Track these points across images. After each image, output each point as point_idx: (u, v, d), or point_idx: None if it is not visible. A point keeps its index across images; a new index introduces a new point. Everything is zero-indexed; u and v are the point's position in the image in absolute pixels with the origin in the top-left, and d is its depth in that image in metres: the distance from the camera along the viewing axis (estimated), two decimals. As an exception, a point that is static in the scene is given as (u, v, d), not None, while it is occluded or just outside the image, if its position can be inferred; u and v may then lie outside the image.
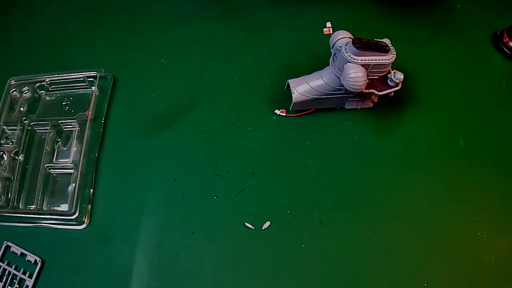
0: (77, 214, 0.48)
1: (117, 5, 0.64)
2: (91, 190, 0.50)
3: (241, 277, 0.46)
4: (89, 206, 0.49)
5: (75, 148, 0.52)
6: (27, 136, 0.53)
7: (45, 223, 0.48)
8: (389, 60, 0.45)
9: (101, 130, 0.54)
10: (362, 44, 0.44)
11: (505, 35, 0.58)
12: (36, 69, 0.57)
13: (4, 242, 0.47)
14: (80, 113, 0.53)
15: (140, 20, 0.63)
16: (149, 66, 0.58)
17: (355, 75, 0.44)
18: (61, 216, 0.48)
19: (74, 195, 0.49)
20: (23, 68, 0.58)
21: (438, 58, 0.59)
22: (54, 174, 0.51)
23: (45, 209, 0.49)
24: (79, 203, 0.48)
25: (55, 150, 0.52)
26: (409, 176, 0.51)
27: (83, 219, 0.48)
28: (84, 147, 0.51)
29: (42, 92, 0.56)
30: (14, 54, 0.60)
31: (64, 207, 0.49)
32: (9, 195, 0.49)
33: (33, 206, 0.49)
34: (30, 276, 0.46)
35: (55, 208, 0.50)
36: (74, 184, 0.49)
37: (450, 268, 0.47)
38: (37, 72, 0.56)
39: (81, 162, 0.50)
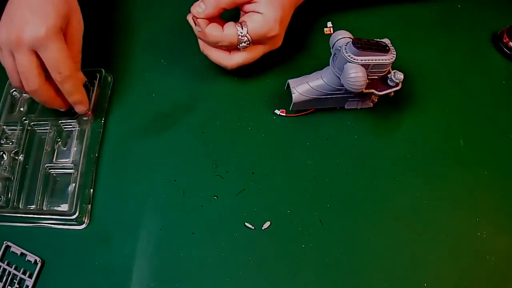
0: (77, 214, 0.48)
1: (117, 5, 0.64)
2: (91, 190, 0.50)
3: (241, 277, 0.46)
4: (89, 206, 0.49)
5: (75, 148, 0.52)
6: (27, 136, 0.53)
7: (45, 223, 0.48)
8: (389, 60, 0.45)
9: (101, 130, 0.54)
10: (362, 44, 0.44)
11: (505, 35, 0.58)
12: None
13: (4, 242, 0.47)
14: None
15: (140, 20, 0.63)
16: (149, 66, 0.58)
17: (355, 75, 0.44)
18: (61, 216, 0.48)
19: (74, 195, 0.49)
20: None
21: (438, 58, 0.59)
22: (54, 174, 0.51)
23: (45, 209, 0.49)
24: (79, 203, 0.48)
25: (55, 150, 0.52)
26: (409, 176, 0.51)
27: (83, 219, 0.48)
28: (84, 147, 0.51)
29: (42, 92, 0.56)
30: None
31: (64, 207, 0.49)
32: (9, 195, 0.49)
33: (33, 206, 0.49)
34: (30, 276, 0.46)
35: (55, 208, 0.50)
36: (74, 184, 0.49)
37: (450, 268, 0.47)
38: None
39: (81, 162, 0.50)
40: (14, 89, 0.55)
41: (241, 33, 0.48)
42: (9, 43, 0.44)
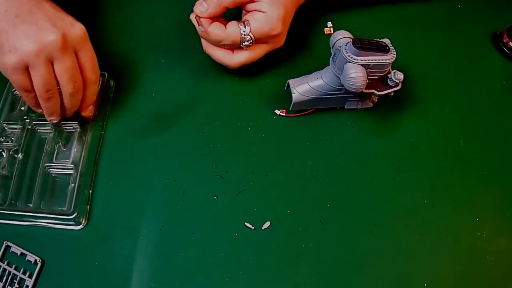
0: (75, 214, 0.48)
1: (117, 5, 0.64)
2: (90, 191, 0.50)
3: (241, 277, 0.46)
4: (88, 206, 0.49)
5: (75, 149, 0.52)
6: (27, 135, 0.53)
7: (43, 222, 0.48)
8: (389, 60, 0.45)
9: (102, 131, 0.54)
10: (362, 44, 0.44)
11: (505, 35, 0.58)
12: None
13: (4, 242, 0.47)
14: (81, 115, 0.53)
15: (141, 20, 0.63)
16: (149, 66, 0.58)
17: (355, 75, 0.44)
18: (59, 216, 0.48)
19: (73, 196, 0.48)
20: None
21: (438, 58, 0.59)
22: (54, 174, 0.51)
23: (43, 208, 0.49)
24: (78, 204, 0.48)
25: (55, 150, 0.52)
26: (409, 176, 0.51)
27: (81, 219, 0.48)
28: (84, 147, 0.51)
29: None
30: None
31: (63, 207, 0.49)
32: (7, 193, 0.49)
33: (32, 205, 0.49)
34: (30, 276, 0.46)
35: (54, 208, 0.49)
36: (73, 185, 0.49)
37: (450, 268, 0.47)
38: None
39: (81, 162, 0.50)
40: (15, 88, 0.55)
41: (244, 32, 0.48)
42: (49, 49, 0.41)
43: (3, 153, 0.52)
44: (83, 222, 0.48)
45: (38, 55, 0.41)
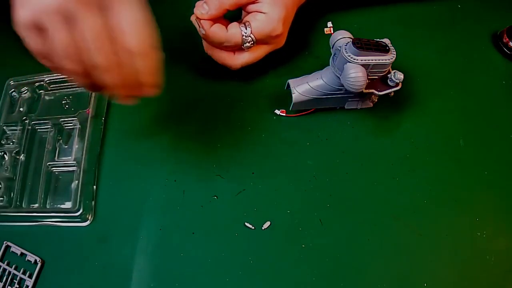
0: (81, 211, 0.48)
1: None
2: (94, 186, 0.50)
3: (241, 277, 0.46)
4: (93, 202, 0.49)
5: (77, 146, 0.52)
6: (28, 136, 0.53)
7: (48, 222, 0.48)
8: (389, 60, 0.45)
9: (102, 127, 0.53)
10: (362, 44, 0.44)
11: (505, 35, 0.58)
12: (35, 69, 0.57)
13: (4, 242, 0.47)
14: (80, 111, 0.53)
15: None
16: (149, 66, 0.58)
17: (355, 75, 0.44)
18: (65, 214, 0.48)
19: (77, 192, 0.49)
20: (22, 69, 0.58)
21: (438, 58, 0.59)
22: (57, 172, 0.51)
23: (48, 207, 0.49)
24: (82, 200, 0.48)
25: (56, 148, 0.52)
26: (409, 176, 0.51)
27: (87, 216, 0.48)
28: (85, 144, 0.51)
29: (41, 92, 0.56)
30: (12, 55, 0.60)
31: (67, 205, 0.49)
32: (12, 195, 0.49)
33: (37, 205, 0.49)
34: (30, 276, 0.46)
35: (59, 206, 0.50)
36: (77, 181, 0.49)
37: (450, 268, 0.47)
38: (36, 72, 0.56)
39: (83, 159, 0.50)
40: (13, 89, 0.55)
41: (245, 33, 0.48)
42: (66, 6, 0.31)
43: (5, 155, 0.52)
44: (89, 218, 0.48)
45: (53, 11, 0.32)
